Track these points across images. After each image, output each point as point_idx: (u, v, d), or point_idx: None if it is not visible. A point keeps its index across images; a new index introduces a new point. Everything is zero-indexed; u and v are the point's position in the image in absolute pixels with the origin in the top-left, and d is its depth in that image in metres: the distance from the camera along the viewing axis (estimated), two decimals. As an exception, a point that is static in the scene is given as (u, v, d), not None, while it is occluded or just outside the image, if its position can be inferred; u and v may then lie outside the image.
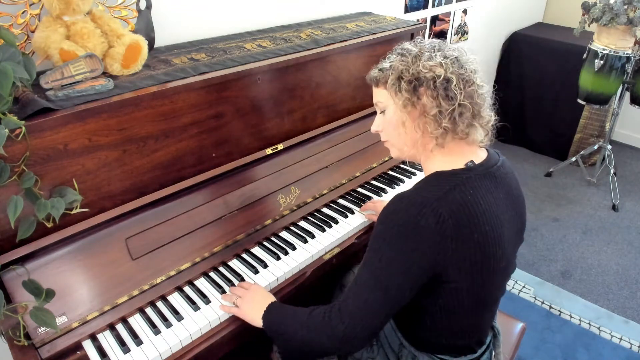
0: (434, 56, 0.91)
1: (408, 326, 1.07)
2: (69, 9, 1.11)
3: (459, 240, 0.85)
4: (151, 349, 1.03)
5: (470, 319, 0.99)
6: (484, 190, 0.90)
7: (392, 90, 0.94)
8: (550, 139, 3.46)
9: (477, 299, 0.95)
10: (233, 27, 1.66)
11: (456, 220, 0.85)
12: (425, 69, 0.90)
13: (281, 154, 1.46)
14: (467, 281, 0.90)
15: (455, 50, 0.94)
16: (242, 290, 1.13)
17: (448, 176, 0.91)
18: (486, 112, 0.95)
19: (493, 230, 0.89)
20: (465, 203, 0.87)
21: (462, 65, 0.91)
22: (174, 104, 1.20)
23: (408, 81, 0.91)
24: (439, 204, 0.85)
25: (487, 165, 0.95)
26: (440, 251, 0.85)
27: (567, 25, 3.53)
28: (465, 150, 0.95)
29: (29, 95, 1.03)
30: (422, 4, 2.55)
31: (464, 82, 0.90)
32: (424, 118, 0.92)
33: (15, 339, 0.97)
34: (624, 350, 1.99)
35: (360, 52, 1.65)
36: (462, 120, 0.90)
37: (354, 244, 1.40)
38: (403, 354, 1.08)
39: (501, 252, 0.92)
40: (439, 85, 0.89)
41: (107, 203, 1.14)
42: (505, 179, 0.97)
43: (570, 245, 2.61)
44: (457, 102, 0.89)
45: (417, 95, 0.91)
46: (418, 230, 0.85)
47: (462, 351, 1.05)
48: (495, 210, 0.91)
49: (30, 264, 1.02)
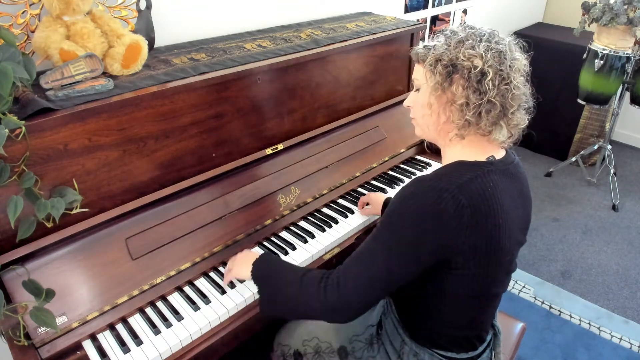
0: (476, 45, 0.89)
1: (410, 315, 1.08)
2: (69, 9, 1.11)
3: (474, 229, 0.87)
4: (151, 349, 1.03)
5: (472, 310, 1.00)
6: (502, 186, 0.92)
7: (428, 70, 0.93)
8: (550, 139, 3.46)
9: (480, 290, 0.96)
10: (233, 27, 1.66)
11: (474, 209, 0.86)
12: (464, 57, 0.88)
13: (281, 154, 1.46)
14: (473, 270, 0.91)
15: (503, 44, 0.90)
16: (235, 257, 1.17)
17: (470, 166, 0.92)
18: (518, 115, 0.93)
19: (505, 224, 0.91)
20: (485, 194, 0.88)
21: (503, 61, 0.88)
22: (174, 104, 1.20)
23: (444, 65, 0.90)
24: (459, 191, 0.86)
25: (506, 162, 0.96)
26: (454, 237, 0.86)
27: (567, 25, 3.53)
28: (485, 146, 0.96)
29: (29, 95, 1.03)
30: (422, 4, 2.55)
31: (500, 79, 0.88)
32: (450, 105, 0.92)
33: (15, 339, 0.97)
34: (624, 350, 1.98)
35: (360, 52, 1.65)
36: (487, 117, 0.89)
37: (354, 244, 1.40)
38: (404, 351, 1.08)
39: (508, 246, 0.93)
40: (472, 76, 0.88)
41: (107, 203, 1.14)
42: (519, 178, 0.99)
43: (570, 245, 2.61)
44: (486, 98, 0.88)
45: (449, 81, 0.90)
46: (436, 214, 0.85)
47: (463, 346, 1.06)
48: (509, 206, 0.92)
49: (30, 264, 1.02)
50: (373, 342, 1.18)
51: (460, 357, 1.05)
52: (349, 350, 1.18)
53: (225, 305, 1.14)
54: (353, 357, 1.17)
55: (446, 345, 1.05)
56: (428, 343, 1.06)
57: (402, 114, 1.79)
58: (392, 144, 1.75)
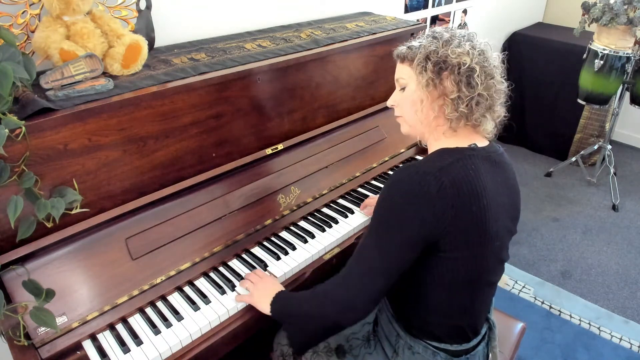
0: (463, 44, 0.95)
1: (402, 305, 1.09)
2: (69, 9, 1.11)
3: (458, 209, 0.89)
4: (151, 349, 1.03)
5: (463, 297, 1.01)
6: (484, 170, 0.95)
7: (417, 68, 0.98)
8: (550, 139, 3.47)
9: (470, 275, 0.97)
10: (233, 27, 1.66)
11: (457, 189, 0.89)
12: (454, 55, 0.94)
13: (281, 154, 1.46)
14: (461, 252, 0.93)
15: (482, 44, 0.98)
16: (256, 278, 1.17)
17: (451, 151, 0.96)
18: (499, 108, 1.00)
19: (490, 206, 0.93)
20: (467, 176, 0.91)
21: (486, 59, 0.96)
22: (174, 104, 1.20)
23: (435, 62, 0.95)
24: (441, 173, 0.90)
25: (489, 150, 1.00)
26: (440, 218, 0.89)
27: (567, 25, 3.53)
28: (472, 136, 1.00)
29: (29, 95, 1.03)
30: (422, 4, 2.55)
31: (486, 75, 0.95)
32: (442, 100, 0.97)
33: (15, 339, 0.97)
34: (624, 350, 1.99)
35: (360, 52, 1.65)
36: (477, 109, 0.95)
37: (354, 244, 1.40)
38: (399, 345, 1.09)
39: (495, 230, 0.96)
40: (462, 72, 0.93)
41: (107, 203, 1.14)
42: (504, 167, 1.02)
43: (570, 245, 2.61)
44: (476, 92, 0.94)
45: (440, 78, 0.96)
46: (420, 197, 0.88)
47: (456, 338, 1.06)
48: (494, 190, 0.95)
49: (30, 264, 1.02)
50: (370, 339, 1.19)
51: (454, 348, 1.06)
52: (347, 349, 1.19)
53: (225, 305, 1.14)
54: (351, 355, 1.18)
55: (439, 335, 1.05)
56: (421, 334, 1.06)
57: (402, 114, 1.78)
58: (392, 144, 1.75)
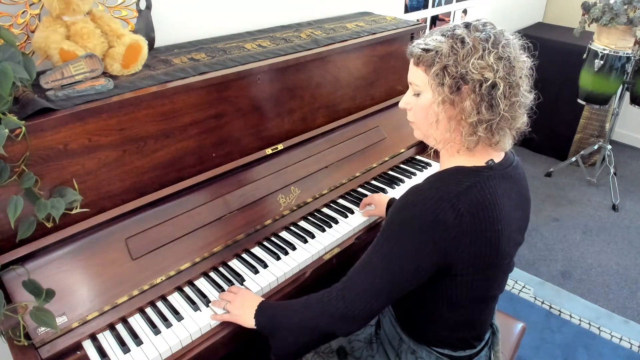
0: (486, 55, 0.84)
1: (408, 317, 1.08)
2: (69, 9, 1.11)
3: (473, 236, 0.86)
4: (151, 349, 1.03)
5: (470, 313, 1.00)
6: (501, 191, 0.91)
7: (434, 80, 0.88)
8: (550, 139, 3.46)
9: (478, 294, 0.96)
10: (233, 27, 1.66)
11: (473, 217, 0.85)
12: (475, 70, 0.84)
13: (281, 154, 1.46)
14: (472, 275, 0.91)
15: (510, 46, 0.87)
16: (230, 295, 1.13)
17: (468, 172, 0.90)
18: (521, 119, 0.91)
19: (504, 230, 0.90)
20: (484, 202, 0.87)
21: (512, 68, 0.86)
22: (174, 104, 1.20)
23: (453, 77, 0.85)
24: (458, 199, 0.85)
25: (505, 165, 0.95)
26: (454, 246, 0.86)
27: (567, 25, 3.53)
28: (489, 153, 0.94)
29: (29, 95, 1.03)
30: (422, 4, 2.55)
31: (510, 90, 0.86)
32: (459, 119, 0.88)
33: (15, 339, 0.97)
34: (624, 350, 1.98)
35: (360, 52, 1.65)
36: (497, 132, 0.88)
37: (354, 244, 1.40)
38: (402, 349, 1.08)
39: (507, 250, 0.93)
40: (484, 90, 0.84)
41: (107, 203, 1.14)
42: (518, 179, 0.97)
43: (570, 245, 2.61)
44: (498, 112, 0.85)
45: (459, 95, 0.87)
46: (436, 224, 0.85)
47: (460, 346, 1.06)
48: (508, 211, 0.91)
49: (30, 264, 1.02)
50: (372, 341, 1.18)
51: (458, 354, 1.06)
52: (348, 350, 1.18)
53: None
54: (352, 357, 1.17)
55: (443, 343, 1.05)
56: (426, 342, 1.06)
57: (402, 114, 1.77)
58: (392, 144, 1.75)
